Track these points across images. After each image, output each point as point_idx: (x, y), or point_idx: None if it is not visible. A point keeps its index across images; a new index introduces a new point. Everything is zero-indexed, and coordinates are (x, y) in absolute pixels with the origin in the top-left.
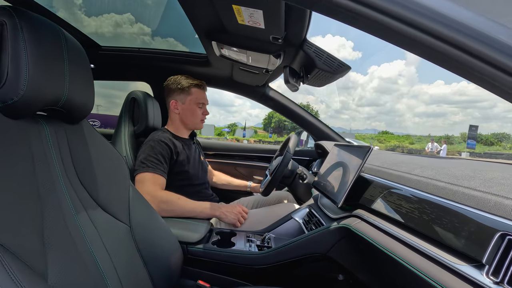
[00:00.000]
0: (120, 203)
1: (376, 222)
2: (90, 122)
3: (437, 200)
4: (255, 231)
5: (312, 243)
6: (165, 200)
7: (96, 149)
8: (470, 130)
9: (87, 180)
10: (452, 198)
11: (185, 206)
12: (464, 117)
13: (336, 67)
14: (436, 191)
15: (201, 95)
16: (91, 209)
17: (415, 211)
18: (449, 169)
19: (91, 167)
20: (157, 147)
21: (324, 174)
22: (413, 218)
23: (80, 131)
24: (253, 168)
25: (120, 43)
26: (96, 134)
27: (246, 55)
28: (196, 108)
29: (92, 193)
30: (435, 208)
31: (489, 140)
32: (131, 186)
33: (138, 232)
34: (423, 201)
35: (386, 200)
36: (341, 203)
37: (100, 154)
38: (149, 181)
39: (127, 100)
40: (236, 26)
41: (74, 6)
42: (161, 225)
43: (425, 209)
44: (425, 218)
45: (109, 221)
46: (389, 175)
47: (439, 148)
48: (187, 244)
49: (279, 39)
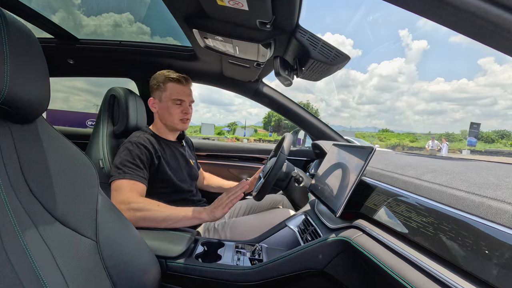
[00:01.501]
0: (85, 214)
1: (380, 237)
2: (89, 122)
3: (457, 215)
4: (245, 241)
5: (308, 258)
6: (142, 208)
7: (55, 152)
8: (472, 128)
9: (41, 190)
10: (476, 212)
11: (165, 214)
12: (464, 114)
13: (334, 57)
14: (455, 203)
15: (177, 90)
16: (44, 224)
17: (429, 227)
18: (467, 174)
19: (47, 174)
20: (135, 151)
21: (322, 177)
22: (426, 236)
23: (32, 132)
24: (247, 170)
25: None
26: (55, 135)
27: (232, 45)
28: (172, 105)
29: (47, 205)
30: (455, 225)
31: (489, 137)
32: (101, 194)
33: (106, 247)
34: (439, 215)
35: (392, 210)
36: (340, 213)
37: (60, 158)
38: (124, 189)
39: (106, 97)
40: (216, 9)
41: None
42: (135, 238)
43: (442, 225)
44: (442, 236)
45: (68, 236)
46: (395, 180)
47: (439, 146)
48: (166, 259)
49: (267, 24)
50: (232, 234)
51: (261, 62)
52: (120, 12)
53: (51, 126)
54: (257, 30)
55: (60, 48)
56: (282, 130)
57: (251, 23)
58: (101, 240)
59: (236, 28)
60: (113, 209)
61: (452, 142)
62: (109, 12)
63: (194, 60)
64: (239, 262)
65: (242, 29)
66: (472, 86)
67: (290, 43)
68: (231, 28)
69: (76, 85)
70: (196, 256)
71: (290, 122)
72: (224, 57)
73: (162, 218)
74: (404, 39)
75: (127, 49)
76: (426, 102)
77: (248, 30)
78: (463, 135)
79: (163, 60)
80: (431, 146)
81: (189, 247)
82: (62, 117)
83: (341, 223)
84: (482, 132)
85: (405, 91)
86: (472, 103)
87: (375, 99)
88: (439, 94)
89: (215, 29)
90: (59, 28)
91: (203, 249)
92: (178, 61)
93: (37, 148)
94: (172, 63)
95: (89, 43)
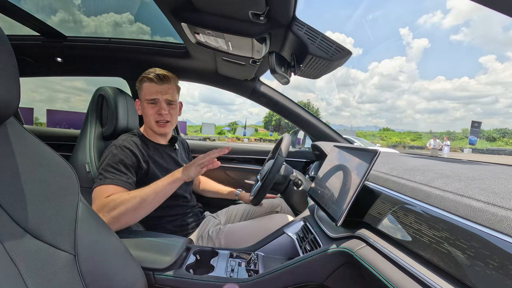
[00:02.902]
0: (62, 225)
1: (386, 250)
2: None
3: (477, 230)
4: (240, 249)
5: (307, 270)
6: (115, 205)
7: (27, 157)
8: (473, 126)
9: (9, 200)
10: (500, 228)
11: (140, 197)
12: (466, 112)
13: (334, 52)
14: (473, 216)
15: (149, 89)
16: (13, 238)
17: (443, 243)
18: (483, 181)
19: (17, 183)
20: (119, 155)
21: (322, 181)
22: (440, 253)
23: (1, 135)
24: (245, 172)
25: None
26: (29, 138)
27: (224, 41)
28: (146, 106)
29: (17, 217)
30: (475, 242)
31: (491, 136)
32: (82, 202)
33: (86, 261)
34: (455, 229)
35: (399, 220)
36: (341, 222)
37: (33, 164)
38: (102, 195)
39: (94, 97)
40: (205, 0)
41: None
42: (119, 249)
43: (459, 242)
44: (459, 255)
45: (41, 251)
46: (401, 186)
47: (441, 145)
48: (154, 271)
49: (261, 15)
50: (227, 242)
51: (256, 59)
52: (121, 12)
53: (25, 129)
54: (250, 23)
55: (46, 46)
56: (283, 129)
57: (243, 15)
58: (81, 253)
59: (227, 21)
60: (95, 218)
61: (454, 140)
62: (109, 12)
63: (187, 58)
64: (232, 273)
65: (233, 22)
66: (473, 84)
67: (287, 37)
68: (221, 21)
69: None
70: (187, 267)
71: (289, 122)
72: (217, 54)
73: (138, 202)
74: (404, 37)
75: (117, 47)
76: (427, 101)
77: (240, 23)
78: (465, 134)
79: (155, 58)
80: (432, 145)
81: (179, 257)
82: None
83: (342, 232)
84: (483, 130)
85: (406, 89)
86: (473, 101)
87: (376, 98)
88: (440, 92)
89: (205, 22)
90: (45, 25)
91: (195, 258)
92: (170, 59)
93: (5, 154)
94: (164, 61)
95: (76, 40)
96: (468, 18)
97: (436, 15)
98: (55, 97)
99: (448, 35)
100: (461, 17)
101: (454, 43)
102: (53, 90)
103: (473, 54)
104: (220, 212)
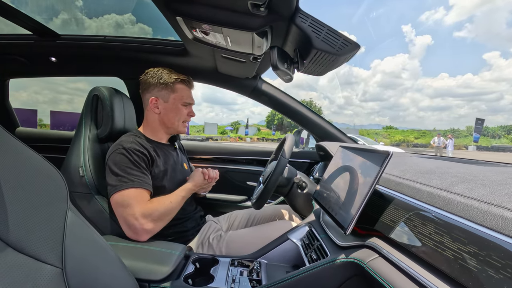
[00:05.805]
0: (47, 236)
1: (401, 263)
2: None
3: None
4: (242, 257)
5: (313, 282)
6: (159, 216)
7: (9, 162)
8: (477, 124)
9: None
10: None
11: (173, 204)
12: (470, 110)
13: (341, 45)
14: (505, 228)
15: (187, 93)
16: None
17: (472, 259)
18: (511, 187)
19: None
20: (133, 156)
21: (328, 184)
22: (469, 272)
23: None
24: (246, 174)
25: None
26: (11, 142)
27: (223, 36)
28: (181, 108)
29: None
30: (510, 260)
31: (496, 133)
32: (71, 210)
33: (74, 275)
34: (486, 244)
35: (415, 230)
36: (350, 231)
37: (15, 169)
38: (134, 199)
39: (88, 98)
40: None
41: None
42: (111, 260)
43: (491, 259)
44: (492, 274)
45: (23, 265)
46: (416, 191)
47: (445, 143)
48: (150, 283)
49: (261, 6)
50: (228, 250)
51: (257, 56)
52: (122, 13)
53: (3, 129)
54: (249, 15)
55: (40, 45)
56: (285, 128)
57: (242, 7)
58: (69, 266)
59: (225, 13)
60: (85, 228)
61: (458, 138)
62: (111, 13)
63: (185, 56)
64: (233, 284)
65: (231, 14)
66: (477, 81)
67: (289, 31)
68: (218, 13)
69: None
70: (185, 278)
71: (292, 121)
72: (216, 51)
73: (171, 209)
74: (407, 34)
75: (113, 45)
76: (431, 98)
77: (238, 15)
78: (469, 131)
79: (152, 56)
80: (437, 142)
81: (177, 267)
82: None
83: (351, 241)
84: (488, 127)
85: (409, 87)
86: (477, 98)
87: (379, 96)
88: (444, 89)
89: (201, 15)
90: (37, 24)
91: (194, 267)
92: (168, 57)
93: None
94: (161, 60)
95: (70, 39)
96: (472, 14)
97: (438, 11)
98: (59, 99)
99: (451, 31)
100: (464, 13)
101: (458, 39)
102: (56, 92)
103: (476, 50)
104: (222, 218)
